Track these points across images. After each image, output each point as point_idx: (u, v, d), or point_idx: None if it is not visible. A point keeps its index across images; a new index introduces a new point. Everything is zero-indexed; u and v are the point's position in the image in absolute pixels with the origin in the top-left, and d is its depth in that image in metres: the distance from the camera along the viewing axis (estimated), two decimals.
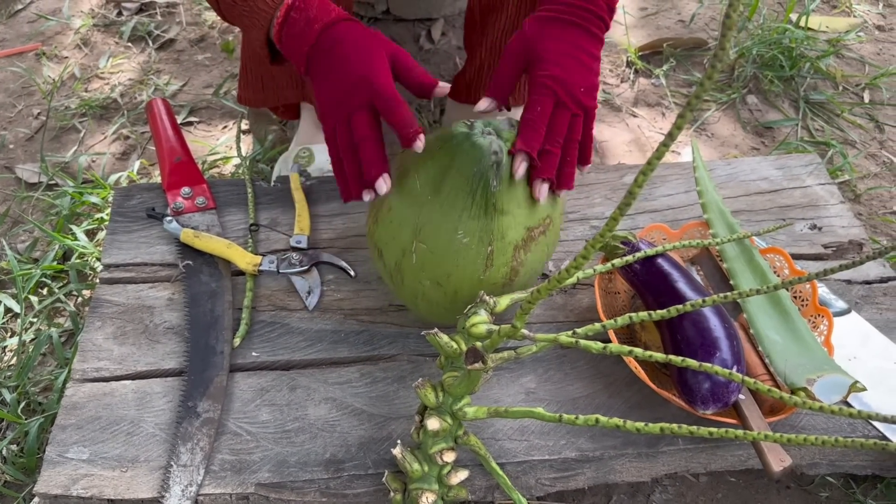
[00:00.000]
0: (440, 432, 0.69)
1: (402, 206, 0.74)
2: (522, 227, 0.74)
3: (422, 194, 0.73)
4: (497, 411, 0.68)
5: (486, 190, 0.71)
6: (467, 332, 0.68)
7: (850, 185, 1.19)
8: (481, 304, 0.71)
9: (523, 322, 0.59)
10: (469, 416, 0.69)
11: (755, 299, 0.83)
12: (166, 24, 1.49)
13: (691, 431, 0.55)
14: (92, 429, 0.77)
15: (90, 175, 1.17)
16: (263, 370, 0.83)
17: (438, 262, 0.74)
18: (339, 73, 0.73)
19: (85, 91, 1.35)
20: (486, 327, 0.67)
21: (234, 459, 0.75)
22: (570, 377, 0.83)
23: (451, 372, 0.69)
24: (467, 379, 0.67)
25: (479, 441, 0.71)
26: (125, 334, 0.85)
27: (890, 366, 0.85)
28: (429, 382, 0.70)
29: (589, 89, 0.75)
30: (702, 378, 0.71)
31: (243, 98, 1.10)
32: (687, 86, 1.38)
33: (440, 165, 0.72)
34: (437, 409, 0.69)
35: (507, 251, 0.74)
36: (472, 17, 1.12)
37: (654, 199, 1.02)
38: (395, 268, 0.77)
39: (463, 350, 0.68)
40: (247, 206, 0.98)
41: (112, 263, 0.92)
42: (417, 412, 0.73)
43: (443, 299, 0.76)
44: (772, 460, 0.69)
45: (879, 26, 1.52)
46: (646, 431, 0.57)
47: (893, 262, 1.06)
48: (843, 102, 1.33)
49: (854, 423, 0.80)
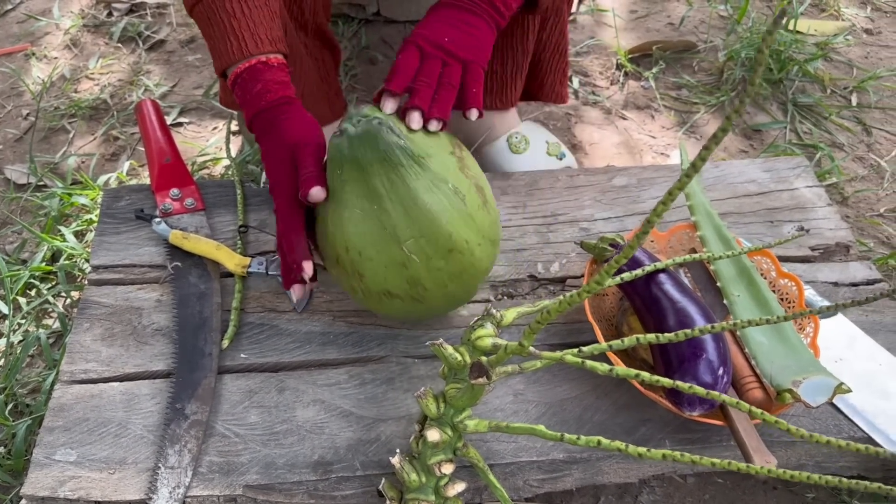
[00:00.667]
0: (440, 444, 0.68)
1: (376, 242, 0.73)
2: (447, 153, 0.75)
3: (376, 210, 0.72)
4: (498, 426, 0.67)
5: (405, 152, 0.72)
6: (472, 344, 0.68)
7: (838, 187, 1.20)
8: (487, 317, 0.71)
9: (531, 341, 0.59)
10: (470, 429, 0.68)
11: (743, 302, 0.84)
12: (157, 25, 1.49)
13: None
14: (79, 431, 0.77)
15: (79, 176, 1.17)
16: (252, 372, 0.83)
17: (433, 239, 0.73)
18: (270, 161, 0.77)
19: (74, 92, 1.35)
20: (491, 341, 0.67)
21: (222, 461, 0.75)
22: (559, 378, 0.83)
23: (454, 384, 0.68)
24: (470, 392, 0.67)
25: (478, 454, 0.71)
26: (113, 336, 0.85)
27: (875, 367, 0.86)
28: (431, 393, 0.69)
29: (461, 44, 0.80)
30: (688, 381, 0.71)
31: (225, 100, 1.11)
32: (676, 88, 1.39)
33: (358, 178, 0.72)
34: (437, 420, 0.69)
35: (460, 179, 0.74)
36: None
37: (642, 202, 1.03)
38: (393, 283, 0.75)
39: (467, 362, 0.68)
40: (236, 208, 0.98)
41: (100, 265, 0.92)
42: (417, 421, 0.72)
43: (450, 273, 0.75)
44: (756, 460, 0.69)
45: (867, 30, 1.53)
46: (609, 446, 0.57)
47: (880, 264, 1.06)
48: (831, 105, 1.34)
49: (840, 423, 0.81)
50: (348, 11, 1.49)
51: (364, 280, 0.75)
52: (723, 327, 0.57)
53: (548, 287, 0.93)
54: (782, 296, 0.87)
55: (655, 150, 1.26)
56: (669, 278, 0.81)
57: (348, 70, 1.38)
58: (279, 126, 0.76)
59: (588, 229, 0.99)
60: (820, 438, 0.54)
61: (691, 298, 0.79)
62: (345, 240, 0.73)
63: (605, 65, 1.43)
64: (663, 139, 1.28)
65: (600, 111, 1.34)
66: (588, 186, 1.05)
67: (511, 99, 1.12)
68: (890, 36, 1.52)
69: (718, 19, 1.54)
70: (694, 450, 0.78)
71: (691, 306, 0.78)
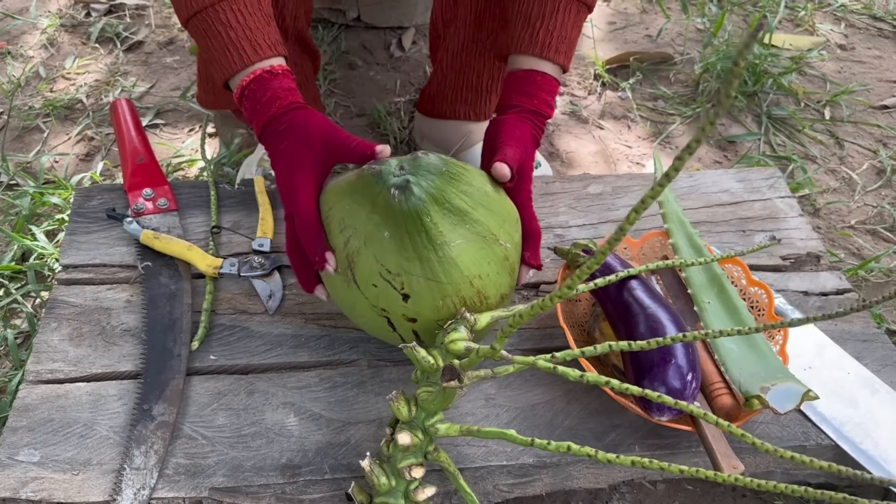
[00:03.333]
0: (410, 447, 0.68)
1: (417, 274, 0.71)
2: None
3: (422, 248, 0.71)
4: (469, 430, 0.67)
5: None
6: (445, 347, 0.68)
7: (810, 199, 1.22)
8: (461, 320, 0.70)
9: (502, 344, 0.59)
10: (441, 432, 0.68)
11: (713, 309, 0.84)
12: (135, 26, 1.48)
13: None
14: (44, 431, 0.75)
15: (52, 176, 1.16)
16: (221, 374, 0.82)
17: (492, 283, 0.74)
18: (278, 174, 0.77)
19: (50, 91, 1.34)
20: (464, 344, 0.66)
21: (189, 463, 0.74)
22: (530, 383, 0.83)
23: (426, 387, 0.68)
24: (442, 395, 0.67)
25: (449, 458, 0.70)
26: (81, 336, 0.84)
27: (844, 376, 0.87)
28: (403, 396, 0.69)
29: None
30: (658, 386, 0.71)
31: (202, 100, 1.10)
32: (653, 99, 1.40)
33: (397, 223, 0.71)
34: (408, 423, 0.69)
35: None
36: (436, 30, 1.13)
37: (616, 210, 1.03)
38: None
39: (440, 366, 0.68)
40: (209, 209, 0.98)
41: (70, 264, 0.91)
42: (389, 424, 0.72)
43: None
44: (724, 465, 0.70)
45: (841, 45, 1.56)
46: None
47: (850, 274, 1.08)
48: (804, 118, 1.36)
49: (808, 431, 0.81)
50: (328, 17, 1.49)
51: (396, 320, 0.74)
52: (694, 336, 0.58)
53: (521, 292, 0.93)
54: (752, 304, 0.87)
55: (631, 159, 1.27)
56: (641, 284, 0.81)
57: (327, 75, 1.38)
58: (298, 127, 0.75)
59: (562, 236, 0.99)
60: (784, 454, 0.54)
61: (662, 305, 0.79)
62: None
63: (583, 75, 1.44)
64: (639, 149, 1.29)
65: (578, 121, 1.35)
66: (563, 194, 1.05)
67: (486, 111, 1.12)
68: (863, 52, 1.55)
69: (695, 32, 1.56)
70: (664, 455, 0.78)
71: (662, 312, 0.78)
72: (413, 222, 0.69)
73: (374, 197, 0.70)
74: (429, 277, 0.70)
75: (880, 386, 0.86)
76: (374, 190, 0.70)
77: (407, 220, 0.69)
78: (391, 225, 0.70)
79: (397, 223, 0.69)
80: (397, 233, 0.70)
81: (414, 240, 0.69)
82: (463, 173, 0.73)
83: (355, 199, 0.72)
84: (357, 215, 0.71)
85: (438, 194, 0.70)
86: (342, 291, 0.75)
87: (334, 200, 0.74)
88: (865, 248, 1.15)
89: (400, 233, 0.70)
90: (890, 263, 1.12)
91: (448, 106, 1.13)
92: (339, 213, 0.73)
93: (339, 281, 0.74)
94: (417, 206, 0.69)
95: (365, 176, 0.71)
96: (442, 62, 1.10)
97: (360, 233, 0.71)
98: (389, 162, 0.72)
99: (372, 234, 0.71)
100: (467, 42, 1.04)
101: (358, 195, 0.72)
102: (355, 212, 0.72)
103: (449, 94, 1.11)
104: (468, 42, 1.04)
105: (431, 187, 0.70)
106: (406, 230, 0.69)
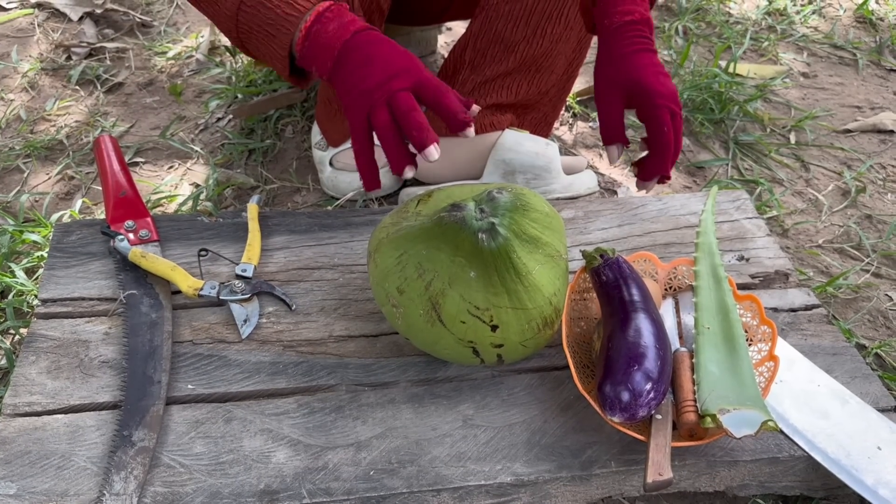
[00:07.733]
0: None
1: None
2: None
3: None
4: None
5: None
6: None
7: (778, 220, 1.25)
8: None
9: None
10: None
11: (709, 334, 0.84)
12: (116, 69, 1.51)
13: None
14: (20, 463, 0.75)
15: (32, 214, 1.17)
16: (199, 402, 0.83)
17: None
18: (378, 63, 0.77)
19: (30, 133, 1.35)
20: None
21: (167, 492, 0.74)
22: (507, 403, 0.84)
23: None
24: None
25: None
26: (59, 368, 0.84)
27: (815, 389, 0.89)
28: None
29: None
30: (617, 387, 0.73)
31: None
32: None
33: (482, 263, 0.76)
34: None
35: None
36: (446, 73, 1.17)
37: (589, 233, 1.06)
38: None
39: None
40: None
41: (49, 298, 0.91)
42: None
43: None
44: (650, 471, 0.72)
45: (804, 73, 1.61)
46: None
47: (819, 291, 1.10)
48: (770, 143, 1.40)
49: (780, 443, 0.83)
50: None
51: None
52: None
53: None
54: (761, 338, 0.87)
55: (603, 185, 1.30)
56: (641, 297, 0.82)
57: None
58: (384, 41, 0.77)
59: None
60: None
61: (652, 318, 0.80)
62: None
63: None
64: (610, 176, 1.32)
65: None
66: None
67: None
68: (825, 79, 1.60)
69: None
70: (639, 471, 0.79)
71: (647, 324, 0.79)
72: (502, 261, 0.75)
73: (459, 241, 0.75)
74: (516, 307, 0.76)
75: (850, 397, 0.88)
76: (458, 235, 0.75)
77: (496, 259, 0.75)
78: (477, 265, 0.75)
79: (485, 263, 0.75)
80: (485, 272, 0.75)
81: (502, 276, 0.75)
82: (528, 201, 0.79)
83: (432, 244, 0.76)
84: (437, 259, 0.76)
85: (517, 228, 0.76)
86: (423, 332, 0.79)
87: (406, 246, 0.78)
88: (833, 265, 1.18)
89: (488, 272, 0.75)
90: (857, 280, 1.15)
91: None
92: (414, 258, 0.77)
93: (420, 322, 0.78)
94: (505, 246, 0.75)
95: (446, 223, 0.75)
96: None
97: (443, 275, 0.76)
98: (468, 206, 0.76)
99: (457, 276, 0.75)
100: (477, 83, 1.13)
101: (436, 241, 0.76)
102: (434, 256, 0.76)
103: None
104: (478, 84, 1.13)
105: (512, 224, 0.76)
106: (495, 269, 0.75)
